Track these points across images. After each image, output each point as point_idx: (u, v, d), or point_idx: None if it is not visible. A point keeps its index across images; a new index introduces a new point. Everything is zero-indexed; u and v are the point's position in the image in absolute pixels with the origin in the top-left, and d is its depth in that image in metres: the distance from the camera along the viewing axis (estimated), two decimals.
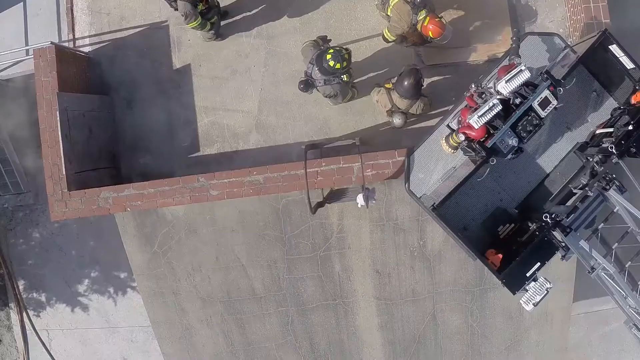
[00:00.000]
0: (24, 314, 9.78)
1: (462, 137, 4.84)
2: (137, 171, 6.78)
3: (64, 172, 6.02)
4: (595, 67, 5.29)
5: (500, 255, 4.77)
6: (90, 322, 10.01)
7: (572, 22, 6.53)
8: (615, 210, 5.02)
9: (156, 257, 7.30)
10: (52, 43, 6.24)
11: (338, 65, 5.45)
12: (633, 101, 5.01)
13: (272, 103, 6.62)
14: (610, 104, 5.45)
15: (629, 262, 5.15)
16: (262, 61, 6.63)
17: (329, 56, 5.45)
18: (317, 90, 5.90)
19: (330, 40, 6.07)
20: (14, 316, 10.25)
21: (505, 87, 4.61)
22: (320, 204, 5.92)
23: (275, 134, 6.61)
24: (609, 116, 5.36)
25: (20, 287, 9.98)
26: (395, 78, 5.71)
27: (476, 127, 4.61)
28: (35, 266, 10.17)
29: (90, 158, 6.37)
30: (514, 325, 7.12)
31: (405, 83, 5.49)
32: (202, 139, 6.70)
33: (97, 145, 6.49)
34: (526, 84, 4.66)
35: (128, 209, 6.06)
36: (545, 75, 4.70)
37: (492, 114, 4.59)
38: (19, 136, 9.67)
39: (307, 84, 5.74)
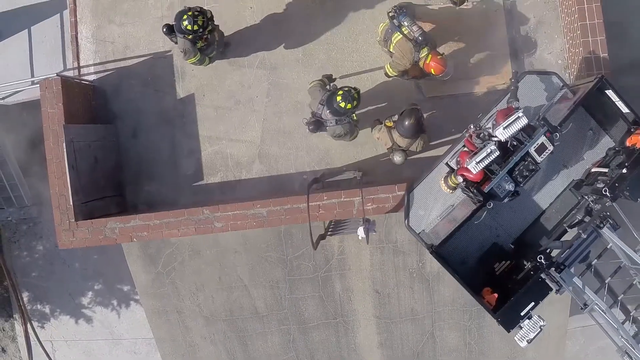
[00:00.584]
0: (28, 325, 9.95)
1: (461, 179, 5.00)
2: (142, 199, 6.92)
3: (71, 203, 6.15)
4: (592, 106, 5.42)
5: (496, 295, 4.94)
6: (93, 333, 10.24)
7: (570, 54, 6.64)
8: (608, 247, 5.21)
9: (160, 277, 7.48)
10: (58, 75, 6.34)
11: (349, 106, 5.57)
12: (628, 143, 5.15)
13: (274, 133, 6.74)
14: (606, 142, 5.56)
15: (622, 295, 5.35)
16: (265, 92, 6.74)
17: (339, 97, 5.56)
18: (326, 130, 5.99)
19: (335, 79, 6.17)
20: (18, 327, 10.47)
21: (503, 134, 4.75)
22: (322, 237, 6.09)
23: (278, 163, 6.75)
24: (605, 154, 5.50)
25: (25, 299, 10.18)
26: (396, 116, 5.83)
27: (474, 172, 4.76)
28: (39, 278, 10.37)
29: (96, 187, 6.51)
30: (511, 343, 7.33)
31: (406, 123, 5.61)
32: (206, 168, 6.83)
33: (102, 175, 6.62)
34: (523, 128, 4.81)
35: (134, 239, 6.21)
36: (542, 122, 4.84)
37: (490, 160, 4.75)
38: (22, 151, 9.81)
39: (317, 125, 5.83)
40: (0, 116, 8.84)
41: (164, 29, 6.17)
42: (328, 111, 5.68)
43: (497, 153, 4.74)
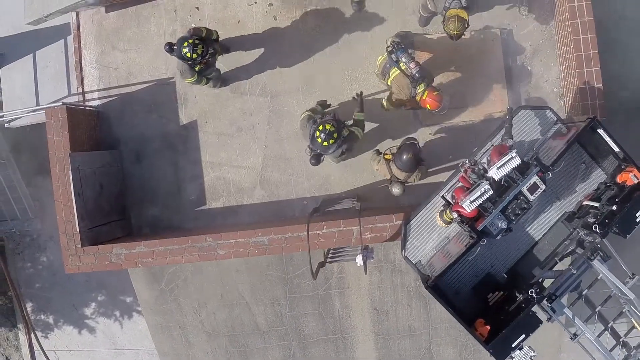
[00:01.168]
0: (32, 335, 10.13)
1: (456, 215, 5.18)
2: (147, 222, 7.07)
3: (78, 229, 6.30)
4: (584, 140, 5.57)
5: (489, 327, 5.13)
6: (97, 343, 10.44)
7: (566, 82, 6.78)
8: (599, 277, 5.40)
9: (163, 294, 7.67)
10: (63, 103, 6.45)
11: (331, 141, 5.65)
12: (618, 180, 5.32)
13: (275, 160, 6.89)
14: (599, 174, 5.71)
15: (611, 322, 5.54)
16: (266, 119, 6.87)
17: (319, 139, 5.65)
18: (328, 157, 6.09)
19: (329, 104, 6.29)
20: (22, 337, 10.67)
21: (497, 173, 4.91)
22: (321, 264, 6.26)
23: (279, 189, 6.90)
24: (597, 187, 5.67)
25: (29, 309, 10.36)
26: (395, 148, 5.98)
27: (468, 211, 4.94)
28: (43, 289, 10.54)
29: (102, 213, 6.65)
30: None
31: (404, 157, 5.77)
32: (209, 193, 6.99)
33: (107, 200, 6.77)
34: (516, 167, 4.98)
35: (139, 265, 6.38)
36: (535, 161, 5.01)
37: (484, 199, 4.92)
38: (26, 164, 9.96)
39: (318, 157, 5.92)
40: (2, 129, 8.97)
41: (166, 47, 6.19)
42: (318, 150, 5.80)
43: (491, 192, 4.91)
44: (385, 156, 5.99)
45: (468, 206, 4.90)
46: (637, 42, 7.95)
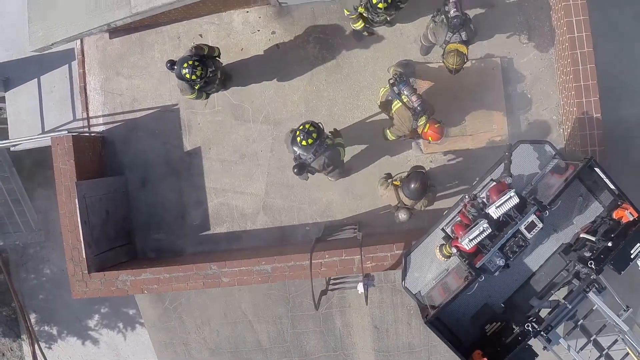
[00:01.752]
0: (36, 346, 10.28)
1: (455, 250, 5.31)
2: (152, 246, 7.19)
3: (84, 256, 6.42)
4: (582, 175, 5.69)
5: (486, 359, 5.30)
6: (100, 355, 10.63)
7: (565, 111, 6.88)
8: (594, 308, 5.55)
9: (167, 312, 7.81)
10: (68, 132, 6.54)
11: (310, 140, 5.69)
12: (614, 216, 5.45)
13: (278, 186, 6.99)
14: (596, 207, 5.83)
15: (606, 350, 5.69)
16: (269, 146, 6.97)
17: (298, 138, 5.71)
18: (314, 168, 6.06)
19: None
20: (26, 347, 10.85)
21: (495, 212, 5.05)
22: (323, 292, 6.39)
23: (281, 215, 7.02)
24: (593, 220, 5.79)
25: (32, 320, 10.52)
26: (404, 174, 6.03)
27: (467, 248, 5.08)
28: (47, 300, 10.70)
29: (108, 238, 6.77)
30: None
31: (412, 186, 5.81)
32: (212, 219, 7.10)
33: (113, 225, 6.88)
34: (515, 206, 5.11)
35: (145, 291, 6.51)
36: (532, 201, 5.13)
37: (482, 237, 5.06)
38: (29, 176, 10.06)
39: (301, 167, 5.92)
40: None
41: (168, 65, 6.16)
42: (298, 152, 5.84)
43: (489, 231, 5.05)
44: (394, 182, 6.04)
45: (467, 244, 5.05)
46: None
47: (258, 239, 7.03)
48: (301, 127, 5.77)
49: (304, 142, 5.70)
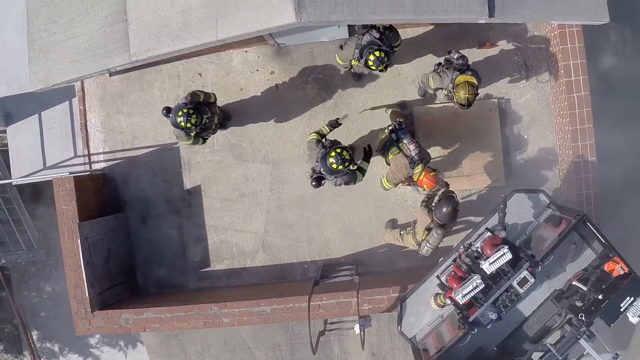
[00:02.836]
0: None
1: (449, 301, 5.46)
2: (153, 282, 7.30)
3: (87, 295, 6.53)
4: (575, 225, 5.81)
5: None
6: None
7: (560, 152, 6.96)
8: (585, 353, 5.71)
9: (168, 338, 7.96)
10: (70, 173, 6.61)
11: (340, 167, 5.66)
12: (606, 268, 5.58)
13: (277, 225, 7.10)
14: (588, 254, 5.91)
15: None
16: (268, 186, 7.05)
17: (331, 159, 5.66)
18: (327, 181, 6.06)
19: (340, 124, 6.14)
20: None
21: (489, 268, 5.18)
22: (321, 333, 6.54)
23: (280, 253, 7.13)
24: (585, 268, 5.92)
25: (34, 337, 10.67)
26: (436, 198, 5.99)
27: (461, 302, 5.22)
28: (48, 318, 10.85)
29: (110, 277, 6.88)
30: None
31: (444, 210, 5.78)
32: (213, 256, 7.21)
33: (115, 263, 6.99)
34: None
35: (147, 330, 6.65)
36: (525, 257, 5.26)
37: (476, 292, 5.19)
38: (30, 195, 10.13)
39: (319, 180, 5.92)
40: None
41: (164, 112, 6.14)
42: (322, 169, 5.81)
43: (482, 286, 5.18)
44: (431, 206, 6.02)
45: (460, 299, 5.19)
46: None
47: (257, 276, 7.16)
48: (338, 151, 5.66)
49: (334, 166, 5.65)
